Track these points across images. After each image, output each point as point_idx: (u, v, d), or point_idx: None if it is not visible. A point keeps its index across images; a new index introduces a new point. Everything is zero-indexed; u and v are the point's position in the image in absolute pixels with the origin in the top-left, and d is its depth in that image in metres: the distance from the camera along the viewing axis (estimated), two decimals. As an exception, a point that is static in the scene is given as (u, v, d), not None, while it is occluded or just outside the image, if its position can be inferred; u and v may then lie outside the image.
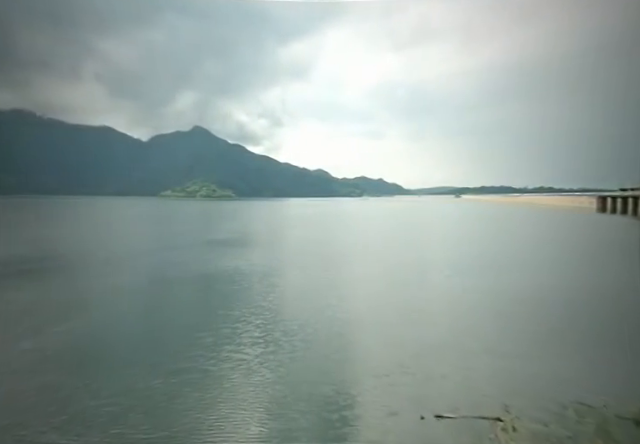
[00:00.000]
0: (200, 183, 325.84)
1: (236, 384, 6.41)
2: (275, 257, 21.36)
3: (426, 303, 11.85)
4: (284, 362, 7.33)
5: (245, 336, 8.63)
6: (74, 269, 16.36)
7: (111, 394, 5.98)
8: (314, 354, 7.81)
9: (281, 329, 9.15)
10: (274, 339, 8.48)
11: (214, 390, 6.19)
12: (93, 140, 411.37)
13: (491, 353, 7.82)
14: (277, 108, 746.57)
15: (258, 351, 7.79)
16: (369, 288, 14.23)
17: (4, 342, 8.07)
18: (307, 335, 8.82)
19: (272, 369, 7.01)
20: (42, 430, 5.04)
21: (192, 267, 17.04)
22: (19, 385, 6.26)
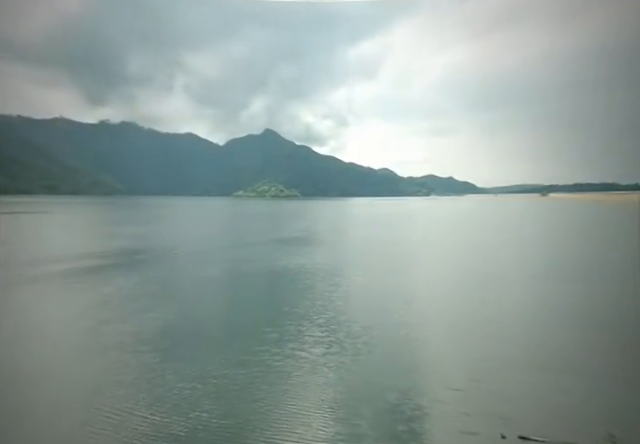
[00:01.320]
0: (269, 183, 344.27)
1: (300, 382, 6.57)
2: (339, 256, 21.46)
3: (500, 311, 10.71)
4: (347, 364, 7.29)
5: (308, 335, 8.81)
6: (165, 261, 18.59)
7: (191, 378, 6.60)
8: (379, 358, 7.62)
9: (344, 330, 9.13)
10: (337, 340, 8.50)
11: (280, 385, 6.43)
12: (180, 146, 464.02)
13: (580, 373, 6.74)
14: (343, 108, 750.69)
15: (321, 351, 7.88)
16: (437, 292, 13.41)
17: (109, 323, 9.51)
18: (371, 338, 8.66)
19: (335, 370, 7.02)
20: (140, 406, 5.80)
21: (260, 264, 18.03)
22: (119, 362, 7.30)
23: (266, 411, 5.67)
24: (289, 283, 14.58)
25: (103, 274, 14.93)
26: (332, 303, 11.48)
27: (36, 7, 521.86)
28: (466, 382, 6.62)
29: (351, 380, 6.65)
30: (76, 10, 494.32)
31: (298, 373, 6.87)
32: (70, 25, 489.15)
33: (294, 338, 8.57)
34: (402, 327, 9.48)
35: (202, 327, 9.29)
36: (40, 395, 6.04)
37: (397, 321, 9.92)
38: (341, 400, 6.00)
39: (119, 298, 11.56)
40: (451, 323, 9.96)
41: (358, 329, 9.25)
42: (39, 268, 15.86)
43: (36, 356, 7.50)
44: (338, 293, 12.80)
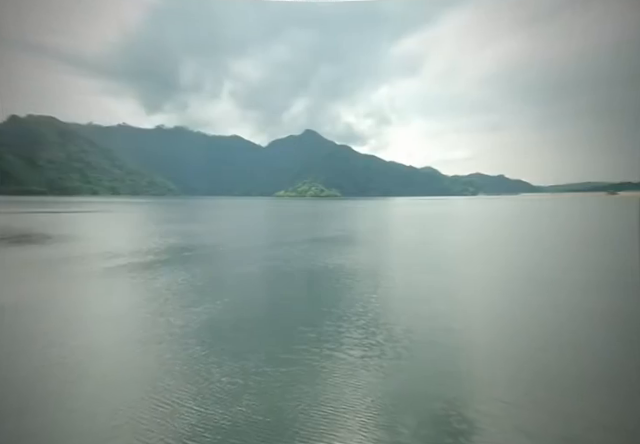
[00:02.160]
0: (309, 183, 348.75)
1: (339, 384, 6.49)
2: (380, 256, 21.06)
3: (558, 320, 9.72)
4: (387, 369, 7.07)
5: (347, 336, 8.70)
6: (211, 258, 19.56)
7: (233, 373, 6.82)
8: (421, 364, 7.30)
9: (384, 333, 8.89)
10: (377, 343, 8.29)
11: (318, 386, 6.40)
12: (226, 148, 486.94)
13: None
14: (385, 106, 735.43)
15: (360, 353, 7.73)
16: (485, 296, 12.59)
17: (161, 316, 10.17)
18: (413, 343, 8.33)
19: (375, 374, 6.84)
20: (187, 396, 6.10)
21: (300, 263, 18.24)
22: (170, 353, 7.75)
23: (305, 411, 5.67)
24: (327, 283, 14.56)
25: (155, 269, 16.04)
26: (371, 304, 11.25)
27: (105, 26, 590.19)
28: (520, 396, 6.09)
29: (391, 385, 6.43)
30: (139, 26, 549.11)
31: (337, 375, 6.80)
32: (134, 41, 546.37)
33: (332, 339, 8.50)
34: (446, 332, 9.01)
35: (242, 323, 9.57)
36: (100, 378, 6.60)
37: (441, 326, 9.45)
38: (382, 405, 5.82)
39: (168, 292, 12.32)
40: (502, 330, 9.27)
41: (399, 332, 8.95)
42: (103, 262, 17.45)
43: (99, 342, 8.22)
44: (378, 294, 12.52)
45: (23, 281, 13.97)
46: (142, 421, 5.35)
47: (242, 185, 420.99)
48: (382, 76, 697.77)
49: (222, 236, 30.66)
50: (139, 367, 7.10)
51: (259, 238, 30.04)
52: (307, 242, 26.67)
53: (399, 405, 5.86)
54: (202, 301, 11.34)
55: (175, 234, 29.97)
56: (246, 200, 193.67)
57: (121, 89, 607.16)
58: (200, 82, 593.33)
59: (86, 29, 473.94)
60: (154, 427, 5.22)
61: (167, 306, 10.84)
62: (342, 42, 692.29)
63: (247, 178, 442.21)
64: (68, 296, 12.10)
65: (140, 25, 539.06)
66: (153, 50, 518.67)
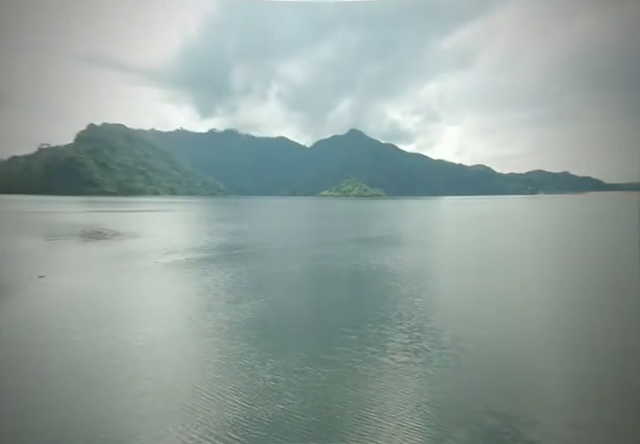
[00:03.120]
0: (353, 183, 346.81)
1: (381, 388, 6.29)
2: (425, 258, 20.23)
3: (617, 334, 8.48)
4: (434, 376, 6.71)
5: (390, 340, 8.42)
6: (257, 256, 20.26)
7: (276, 370, 6.93)
8: (470, 374, 6.83)
9: (430, 339, 8.47)
10: (422, 349, 7.91)
11: (360, 389, 6.25)
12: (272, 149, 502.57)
13: None
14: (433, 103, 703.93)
15: (404, 359, 7.43)
16: (536, 304, 11.48)
17: (210, 310, 10.71)
18: (461, 351, 7.82)
19: (420, 381, 6.52)
20: (232, 390, 6.32)
21: (343, 263, 18.14)
22: (218, 347, 8.11)
23: (347, 413, 5.58)
24: (370, 284, 14.29)
25: (205, 266, 16.97)
26: (417, 308, 10.80)
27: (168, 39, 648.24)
28: (589, 418, 5.41)
29: (437, 394, 6.08)
30: (197, 36, 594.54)
31: (380, 379, 6.60)
32: (192, 50, 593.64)
33: (375, 342, 8.29)
34: (498, 341, 8.35)
35: (285, 322, 9.72)
36: (156, 363, 7.10)
37: (492, 334, 8.78)
38: (426, 414, 5.53)
39: (217, 288, 12.94)
40: (555, 341, 8.39)
41: (446, 339, 8.47)
42: (161, 258, 18.90)
43: (156, 332, 8.87)
44: (423, 297, 11.98)
45: (98, 273, 15.63)
46: (191, 410, 5.64)
47: (287, 185, 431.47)
48: (431, 72, 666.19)
49: (268, 235, 31.63)
50: (190, 358, 7.52)
51: (303, 237, 30.49)
52: (351, 242, 26.47)
53: (444, 415, 5.52)
54: (247, 298, 11.74)
55: (224, 232, 31.53)
56: (291, 200, 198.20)
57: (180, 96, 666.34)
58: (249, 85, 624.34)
59: (152, 43, 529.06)
60: (201, 417, 5.47)
61: (215, 301, 11.40)
62: (389, 40, 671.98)
63: (292, 178, 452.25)
64: (132, 288, 13.27)
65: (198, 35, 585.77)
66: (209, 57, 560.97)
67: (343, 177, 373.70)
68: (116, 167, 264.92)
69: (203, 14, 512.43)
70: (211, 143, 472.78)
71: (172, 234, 30.89)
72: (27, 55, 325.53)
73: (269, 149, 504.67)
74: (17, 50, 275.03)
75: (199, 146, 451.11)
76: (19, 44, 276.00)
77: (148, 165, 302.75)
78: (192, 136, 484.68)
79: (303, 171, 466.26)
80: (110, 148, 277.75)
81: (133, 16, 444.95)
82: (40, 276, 14.01)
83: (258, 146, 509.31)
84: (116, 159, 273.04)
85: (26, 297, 11.81)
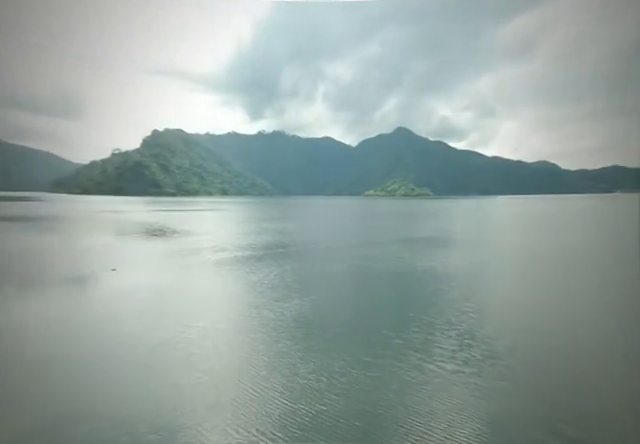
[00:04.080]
0: (399, 182, 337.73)
1: (429, 397, 6.00)
2: (478, 260, 19.01)
3: None
4: (486, 389, 6.25)
5: (437, 346, 8.02)
6: (302, 255, 20.62)
7: (318, 370, 6.96)
8: (527, 390, 6.27)
9: (482, 348, 7.91)
10: (473, 358, 7.42)
11: (405, 396, 6.04)
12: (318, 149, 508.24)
13: None
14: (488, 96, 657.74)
15: (453, 367, 7.03)
16: (599, 315, 10.19)
17: (256, 308, 11.11)
18: (518, 363, 7.21)
19: (471, 393, 6.12)
20: (274, 388, 6.47)
21: (387, 263, 17.72)
22: (264, 344, 8.37)
23: (390, 420, 5.42)
24: (416, 286, 13.78)
25: (252, 264, 17.64)
26: (466, 314, 10.16)
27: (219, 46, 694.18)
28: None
29: (490, 409, 5.66)
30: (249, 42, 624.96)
31: (426, 387, 6.31)
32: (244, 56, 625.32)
33: (420, 348, 7.95)
34: (559, 354, 7.61)
35: (328, 322, 9.73)
36: (203, 357, 7.53)
37: (552, 345, 7.99)
38: (479, 430, 5.16)
39: (262, 286, 13.36)
40: (633, 358, 7.29)
41: (500, 349, 7.86)
42: (212, 255, 20.04)
43: (204, 326, 9.41)
44: (474, 303, 11.24)
45: (159, 267, 17.08)
46: (237, 403, 5.88)
47: (332, 185, 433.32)
48: (485, 64, 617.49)
49: (312, 234, 32.02)
50: (237, 353, 7.87)
51: (348, 237, 30.38)
52: (397, 242, 25.78)
53: (496, 432, 5.12)
54: (291, 297, 11.97)
55: (270, 231, 32.57)
56: (336, 199, 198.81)
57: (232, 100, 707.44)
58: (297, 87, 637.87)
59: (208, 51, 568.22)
60: (246, 411, 5.67)
61: (261, 299, 11.78)
62: (438, 33, 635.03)
63: (337, 178, 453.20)
64: (187, 282, 14.25)
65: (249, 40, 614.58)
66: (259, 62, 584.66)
67: (389, 176, 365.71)
68: (175, 169, 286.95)
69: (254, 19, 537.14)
70: (259, 145, 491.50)
71: (222, 232, 32.62)
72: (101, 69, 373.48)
73: (315, 149, 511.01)
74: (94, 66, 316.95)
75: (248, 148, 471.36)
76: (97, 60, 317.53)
77: (203, 167, 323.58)
78: (242, 138, 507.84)
79: (348, 171, 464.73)
80: (170, 152, 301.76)
81: (191, 28, 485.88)
82: (112, 269, 15.63)
83: (304, 146, 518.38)
84: (175, 162, 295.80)
85: (100, 288, 13.27)
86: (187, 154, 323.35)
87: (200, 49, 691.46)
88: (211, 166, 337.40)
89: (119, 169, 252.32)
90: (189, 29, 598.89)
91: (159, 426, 5.19)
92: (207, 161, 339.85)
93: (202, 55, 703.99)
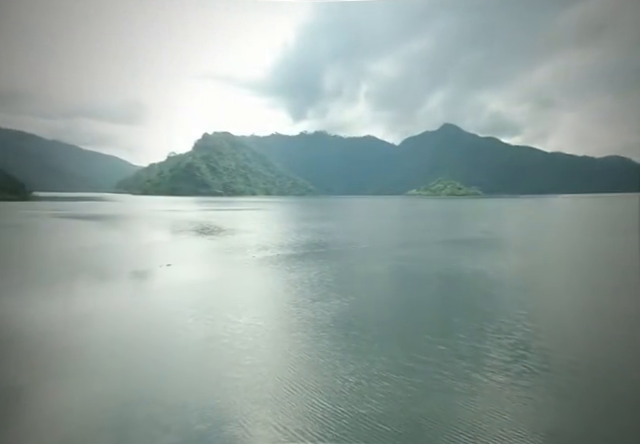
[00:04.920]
0: (444, 181, 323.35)
1: (477, 410, 5.61)
2: (529, 265, 17.54)
3: None
4: (542, 404, 5.71)
5: (486, 356, 7.51)
6: (342, 255, 20.56)
7: (357, 372, 6.86)
8: (589, 408, 5.67)
9: (539, 360, 7.26)
10: (527, 370, 6.84)
11: (451, 406, 5.72)
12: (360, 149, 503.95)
13: None
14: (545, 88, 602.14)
15: (505, 379, 6.52)
16: None
17: (296, 306, 11.26)
18: (577, 376, 6.54)
19: (524, 408, 5.63)
20: (314, 387, 6.50)
21: (431, 265, 17.03)
22: (304, 343, 8.46)
23: (434, 431, 5.16)
24: (462, 290, 13.07)
25: (292, 263, 17.93)
26: (520, 322, 9.40)
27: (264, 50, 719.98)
28: None
29: (547, 426, 5.16)
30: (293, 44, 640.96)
31: (474, 399, 5.93)
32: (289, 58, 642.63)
33: (467, 356, 7.50)
34: (623, 368, 6.71)
35: (368, 323, 9.58)
36: (244, 352, 7.79)
37: (615, 359, 7.10)
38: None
39: (302, 285, 13.51)
40: None
41: (558, 361, 7.17)
42: (255, 253, 20.73)
43: (246, 322, 9.74)
44: (528, 310, 10.38)
45: (208, 264, 18.10)
46: (277, 400, 5.99)
47: (374, 184, 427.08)
48: (543, 54, 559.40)
49: (353, 234, 31.80)
50: (277, 350, 8.03)
51: (390, 237, 29.73)
52: (442, 243, 24.69)
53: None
54: (331, 297, 11.96)
55: (311, 231, 32.91)
56: (378, 199, 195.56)
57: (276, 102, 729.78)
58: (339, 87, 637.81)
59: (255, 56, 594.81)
60: (286, 408, 5.76)
61: (300, 298, 11.92)
62: (490, 25, 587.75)
63: (379, 177, 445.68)
64: (232, 279, 14.89)
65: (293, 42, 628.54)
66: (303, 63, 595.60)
67: (434, 175, 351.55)
68: (222, 171, 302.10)
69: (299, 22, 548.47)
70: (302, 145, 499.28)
71: (265, 231, 33.62)
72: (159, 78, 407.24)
73: (356, 149, 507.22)
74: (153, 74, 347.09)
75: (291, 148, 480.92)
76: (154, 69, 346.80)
77: (248, 168, 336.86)
78: (285, 139, 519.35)
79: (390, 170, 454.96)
80: (218, 154, 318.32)
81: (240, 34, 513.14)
82: (168, 264, 16.82)
83: (346, 146, 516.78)
84: (222, 163, 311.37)
85: (158, 281, 14.37)
86: (233, 156, 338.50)
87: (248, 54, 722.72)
88: (255, 167, 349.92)
89: (173, 171, 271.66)
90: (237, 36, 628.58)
91: (207, 417, 5.43)
92: (252, 162, 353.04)
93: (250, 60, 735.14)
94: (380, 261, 18.46)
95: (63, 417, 5.53)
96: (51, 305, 11.10)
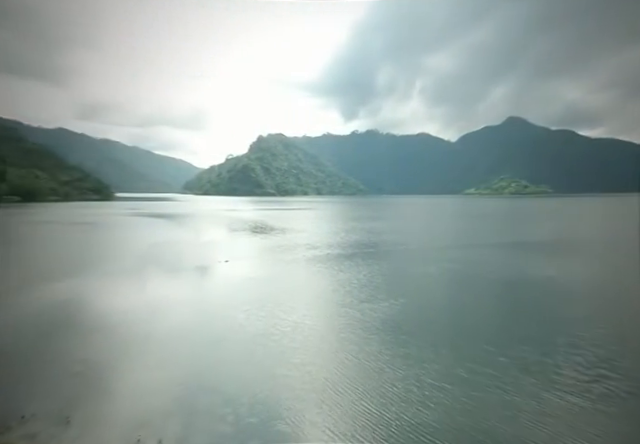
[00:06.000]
0: (509, 179, 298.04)
1: (548, 434, 5.03)
2: (613, 273, 15.30)
3: None
4: (633, 437, 4.92)
5: (558, 372, 6.68)
6: (391, 256, 19.98)
7: (408, 378, 6.57)
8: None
9: (626, 382, 6.30)
10: (612, 393, 5.97)
11: (518, 427, 5.20)
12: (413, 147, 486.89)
13: None
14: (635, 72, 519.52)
15: (582, 402, 5.74)
16: None
17: (343, 307, 11.16)
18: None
19: (610, 439, 4.90)
20: (361, 392, 6.37)
21: (491, 269, 15.74)
22: (351, 344, 8.35)
23: None
24: (526, 297, 11.86)
25: (341, 262, 17.85)
26: (601, 337, 8.22)
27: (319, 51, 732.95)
28: None
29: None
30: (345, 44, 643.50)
31: (544, 420, 5.30)
32: (339, 58, 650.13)
33: (534, 370, 6.74)
34: None
35: (419, 328, 9.13)
36: (297, 355, 7.88)
37: None
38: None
39: (350, 285, 13.36)
40: None
41: (653, 391, 6.10)
42: (305, 252, 21.08)
43: (295, 320, 9.88)
44: (611, 324, 9.02)
45: (261, 261, 18.87)
46: (324, 400, 5.97)
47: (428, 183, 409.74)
48: (632, 33, 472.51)
49: (404, 234, 30.76)
50: (325, 350, 7.99)
51: (444, 238, 28.17)
52: (502, 246, 22.72)
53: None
54: (379, 298, 11.65)
55: (361, 231, 32.54)
56: (432, 198, 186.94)
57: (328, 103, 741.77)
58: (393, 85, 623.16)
59: (310, 58, 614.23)
60: (333, 409, 5.71)
61: (349, 298, 11.77)
62: (566, 5, 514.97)
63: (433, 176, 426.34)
64: (283, 277, 15.28)
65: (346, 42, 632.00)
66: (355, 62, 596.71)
67: (495, 173, 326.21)
68: (275, 171, 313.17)
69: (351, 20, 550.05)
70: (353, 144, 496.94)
71: (315, 230, 34.03)
72: (219, 83, 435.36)
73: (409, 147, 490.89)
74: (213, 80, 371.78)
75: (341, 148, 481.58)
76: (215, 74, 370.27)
77: (299, 168, 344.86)
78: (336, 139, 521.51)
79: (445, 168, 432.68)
80: (272, 155, 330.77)
81: (294, 36, 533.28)
82: (225, 261, 17.86)
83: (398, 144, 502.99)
84: (275, 164, 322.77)
85: (216, 276, 15.33)
86: (286, 156, 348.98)
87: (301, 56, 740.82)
88: (307, 167, 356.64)
89: (230, 172, 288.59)
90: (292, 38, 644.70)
91: (257, 411, 5.60)
92: (303, 162, 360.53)
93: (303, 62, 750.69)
94: (433, 263, 17.57)
95: (136, 398, 6.08)
96: (122, 295, 12.42)
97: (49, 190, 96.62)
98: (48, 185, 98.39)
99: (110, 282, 14.01)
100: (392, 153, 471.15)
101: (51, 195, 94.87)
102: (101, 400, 5.90)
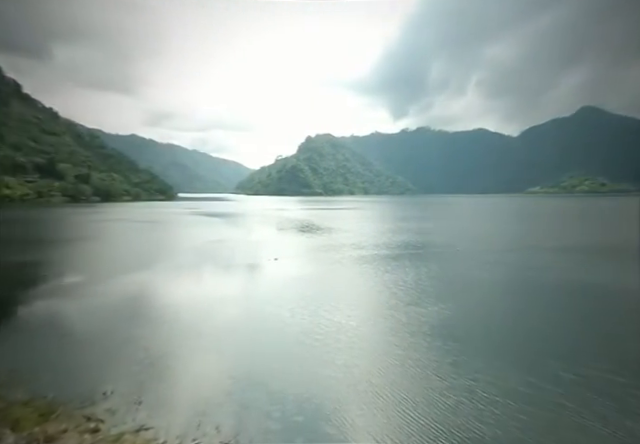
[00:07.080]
0: (581, 176, 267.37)
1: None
2: None
3: None
4: None
5: (637, 396, 5.88)
6: (440, 258, 19.09)
7: (456, 388, 6.27)
8: None
9: None
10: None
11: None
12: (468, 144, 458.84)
13: None
14: None
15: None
16: None
17: (389, 309, 10.93)
18: None
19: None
20: (400, 394, 6.23)
21: (555, 274, 14.31)
22: (397, 348, 8.16)
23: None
24: (596, 308, 10.61)
25: (387, 263, 17.49)
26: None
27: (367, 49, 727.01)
28: None
29: None
30: (393, 40, 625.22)
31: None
32: (389, 55, 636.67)
33: (608, 393, 6.01)
34: None
35: (470, 335, 8.64)
36: (341, 356, 7.92)
37: None
38: None
39: (396, 287, 13.04)
40: None
41: None
42: (351, 252, 21.02)
43: (339, 322, 9.91)
44: None
45: (308, 260, 19.28)
46: (368, 404, 5.94)
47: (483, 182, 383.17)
48: None
49: (454, 236, 29.19)
50: (369, 353, 7.91)
51: (497, 240, 26.19)
52: (567, 250, 20.48)
53: None
54: (427, 302, 11.22)
55: (408, 231, 31.55)
56: (488, 198, 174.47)
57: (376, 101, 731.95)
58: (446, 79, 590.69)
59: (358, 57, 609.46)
60: (378, 414, 5.65)
61: (394, 300, 11.52)
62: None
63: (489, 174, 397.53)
64: (329, 276, 15.42)
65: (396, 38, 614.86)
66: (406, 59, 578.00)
67: (564, 169, 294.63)
68: (323, 171, 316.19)
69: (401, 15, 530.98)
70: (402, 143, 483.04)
71: (361, 230, 33.74)
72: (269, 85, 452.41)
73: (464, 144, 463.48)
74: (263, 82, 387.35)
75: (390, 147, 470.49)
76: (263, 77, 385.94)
77: (347, 168, 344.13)
78: (384, 137, 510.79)
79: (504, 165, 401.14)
80: (319, 155, 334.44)
81: (342, 36, 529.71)
82: (275, 258, 18.54)
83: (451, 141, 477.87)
84: (323, 164, 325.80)
85: (265, 274, 15.98)
86: (334, 156, 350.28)
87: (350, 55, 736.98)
88: (354, 166, 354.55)
89: (280, 173, 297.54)
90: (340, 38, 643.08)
91: (303, 410, 5.72)
92: (350, 162, 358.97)
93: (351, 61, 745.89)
94: (485, 266, 16.46)
95: (195, 388, 6.56)
96: (183, 289, 13.51)
97: (123, 191, 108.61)
98: (122, 187, 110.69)
99: (172, 276, 15.32)
100: (444, 151, 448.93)
101: (124, 195, 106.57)
102: (166, 386, 6.48)
